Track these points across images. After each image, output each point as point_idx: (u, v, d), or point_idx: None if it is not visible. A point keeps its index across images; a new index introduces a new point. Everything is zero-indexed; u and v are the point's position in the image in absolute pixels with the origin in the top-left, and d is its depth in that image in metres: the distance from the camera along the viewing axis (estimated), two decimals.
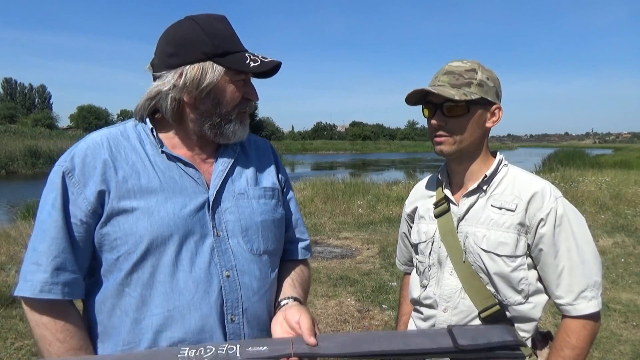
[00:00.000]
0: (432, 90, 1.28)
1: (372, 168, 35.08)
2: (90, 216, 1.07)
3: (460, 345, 0.96)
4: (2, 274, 5.21)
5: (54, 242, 1.05)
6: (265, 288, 1.19)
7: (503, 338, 0.99)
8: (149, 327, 1.07)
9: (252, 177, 1.25)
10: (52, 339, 1.05)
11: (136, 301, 1.08)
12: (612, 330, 3.96)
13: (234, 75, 1.13)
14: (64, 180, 1.08)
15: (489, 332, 1.01)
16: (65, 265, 1.06)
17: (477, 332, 1.01)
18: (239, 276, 1.13)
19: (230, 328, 1.11)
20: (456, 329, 1.00)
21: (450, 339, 0.98)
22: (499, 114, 1.37)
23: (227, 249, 1.14)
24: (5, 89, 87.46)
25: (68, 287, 1.06)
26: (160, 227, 1.07)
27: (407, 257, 1.68)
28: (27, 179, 23.55)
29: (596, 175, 13.24)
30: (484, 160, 1.39)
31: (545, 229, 1.28)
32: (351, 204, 10.29)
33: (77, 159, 1.09)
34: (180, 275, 1.08)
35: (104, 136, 1.15)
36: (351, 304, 4.59)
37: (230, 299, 1.11)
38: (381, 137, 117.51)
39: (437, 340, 0.99)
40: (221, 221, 1.15)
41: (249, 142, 1.32)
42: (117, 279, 1.08)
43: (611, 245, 6.73)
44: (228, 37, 1.14)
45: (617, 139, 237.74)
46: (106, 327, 1.11)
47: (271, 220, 1.23)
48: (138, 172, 1.11)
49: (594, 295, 1.26)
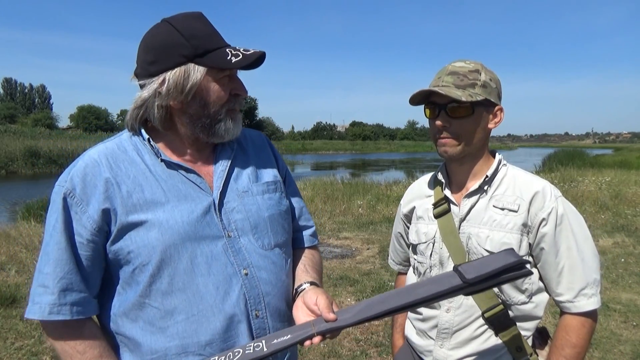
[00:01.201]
0: (439, 91, 1.27)
1: (372, 168, 35.08)
2: (95, 234, 1.07)
3: (469, 279, 0.98)
4: (2, 274, 5.22)
5: (59, 263, 1.05)
6: (282, 280, 1.20)
7: (506, 261, 1.01)
8: (175, 335, 1.08)
9: (253, 173, 1.25)
10: (72, 352, 1.07)
11: (159, 311, 1.08)
12: (612, 330, 3.96)
13: (217, 74, 1.11)
14: (65, 201, 1.07)
15: (492, 259, 1.03)
16: (72, 285, 1.06)
17: (481, 263, 1.03)
18: (257, 272, 1.15)
19: (255, 324, 1.13)
20: (462, 266, 1.02)
21: (459, 277, 1.00)
22: (501, 115, 1.37)
23: (240, 248, 1.15)
24: (5, 89, 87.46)
25: (77, 306, 1.07)
26: (171, 235, 1.07)
27: (402, 257, 1.68)
28: (27, 179, 23.57)
29: (596, 175, 13.23)
30: (484, 161, 1.39)
31: (546, 228, 1.29)
32: (351, 204, 10.28)
33: (76, 178, 1.08)
34: (200, 280, 1.09)
35: (101, 153, 1.13)
36: (351, 304, 4.58)
37: (252, 295, 1.13)
38: (381, 137, 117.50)
39: (446, 282, 1.01)
40: (230, 221, 1.15)
41: (245, 137, 1.32)
42: (137, 292, 1.08)
43: (611, 245, 6.73)
44: (206, 35, 1.11)
45: (617, 139, 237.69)
46: (129, 340, 1.11)
47: (278, 214, 1.24)
48: (141, 185, 1.11)
49: (594, 293, 1.28)
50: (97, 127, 67.00)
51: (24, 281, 4.92)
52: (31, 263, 5.43)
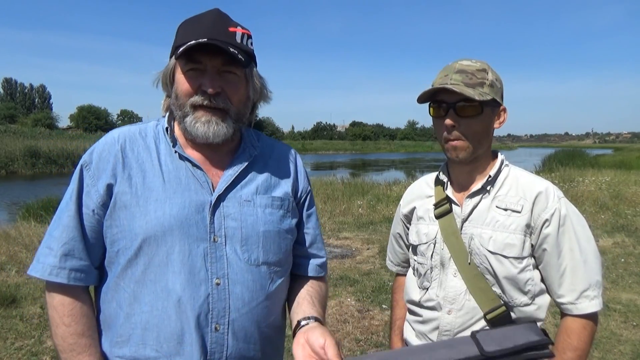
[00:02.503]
0: (453, 88, 1.25)
1: (372, 168, 35.07)
2: (100, 208, 1.12)
3: (487, 351, 0.94)
4: (2, 274, 5.21)
5: (66, 229, 1.11)
6: (259, 300, 1.16)
7: (528, 338, 0.97)
8: (139, 324, 1.09)
9: (264, 185, 1.21)
10: (59, 322, 1.11)
11: (129, 296, 1.11)
12: (612, 330, 3.96)
13: (184, 65, 1.12)
14: (82, 173, 1.15)
15: (513, 333, 0.99)
16: (73, 252, 1.11)
17: (502, 335, 0.99)
18: (230, 285, 1.11)
19: (213, 337, 1.10)
20: (480, 334, 0.98)
21: (476, 346, 0.96)
22: (504, 116, 1.37)
23: (221, 256, 1.12)
24: (5, 89, 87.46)
25: (75, 272, 1.11)
26: (155, 226, 1.08)
27: (401, 258, 1.66)
28: (27, 179, 23.57)
29: (596, 175, 13.23)
30: (487, 161, 1.39)
31: (549, 229, 1.28)
32: (351, 204, 10.29)
33: (95, 153, 1.16)
34: (170, 276, 1.09)
35: (122, 133, 1.19)
36: (351, 304, 4.59)
37: (216, 307, 1.10)
38: (381, 137, 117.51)
39: (462, 349, 0.97)
40: (221, 227, 1.13)
41: (272, 149, 1.30)
42: (116, 273, 1.12)
43: (611, 245, 6.72)
44: (197, 29, 1.11)
45: (617, 139, 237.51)
46: (106, 317, 1.15)
47: (275, 231, 1.19)
48: (144, 171, 1.14)
49: (596, 295, 1.27)
50: (97, 127, 67.04)
51: (24, 281, 4.91)
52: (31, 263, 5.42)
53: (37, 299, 4.42)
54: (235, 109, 1.15)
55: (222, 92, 1.12)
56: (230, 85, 1.13)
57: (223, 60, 1.11)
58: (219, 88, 1.11)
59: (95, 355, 1.12)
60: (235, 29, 1.13)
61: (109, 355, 1.13)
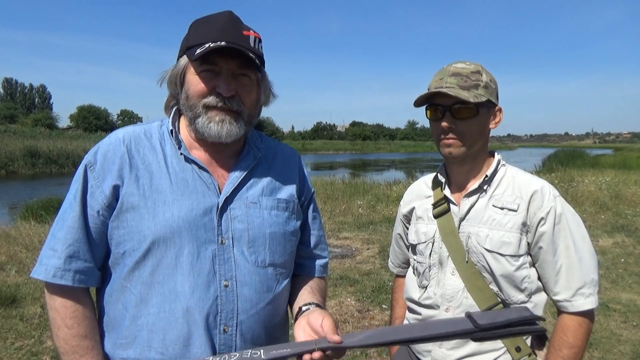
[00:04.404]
0: (448, 92, 1.28)
1: (372, 168, 35.10)
2: (105, 209, 1.11)
3: (481, 324, 0.99)
4: (2, 274, 5.22)
5: (70, 231, 1.10)
6: (266, 301, 1.16)
7: (521, 314, 1.02)
8: (145, 326, 1.08)
9: (269, 187, 1.22)
10: (61, 324, 1.10)
11: (135, 298, 1.09)
12: (612, 330, 3.96)
13: (198, 66, 1.11)
14: (85, 173, 1.13)
15: (506, 312, 1.05)
16: (78, 253, 1.10)
17: (495, 313, 1.05)
18: (238, 287, 1.12)
19: (221, 338, 1.10)
20: (475, 314, 1.03)
21: (470, 322, 1.01)
22: (500, 116, 1.39)
23: (229, 258, 1.12)
24: (5, 89, 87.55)
25: (80, 274, 1.10)
26: (163, 228, 1.08)
27: (402, 259, 1.68)
28: (27, 179, 23.57)
29: (596, 176, 13.24)
30: (484, 161, 1.40)
31: (545, 227, 1.29)
32: (351, 204, 10.29)
33: (99, 154, 1.14)
34: (178, 279, 1.08)
35: (127, 134, 1.18)
36: (351, 304, 4.59)
37: (225, 309, 1.10)
38: (381, 137, 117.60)
39: (458, 324, 1.02)
40: (228, 229, 1.13)
41: (276, 150, 1.30)
42: (122, 274, 1.11)
43: (611, 245, 6.72)
44: (209, 30, 1.11)
45: (617, 139, 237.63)
46: (110, 319, 1.14)
47: (281, 233, 1.20)
48: (151, 172, 1.13)
49: (591, 292, 1.28)
50: (97, 127, 67.07)
51: (24, 281, 4.92)
52: (31, 263, 5.43)
53: (37, 299, 4.42)
54: (248, 111, 1.16)
55: (235, 95, 1.13)
56: (244, 88, 1.14)
57: (239, 64, 1.11)
58: (234, 91, 1.12)
59: (97, 357, 1.11)
60: (248, 32, 1.14)
61: (111, 356, 1.12)
